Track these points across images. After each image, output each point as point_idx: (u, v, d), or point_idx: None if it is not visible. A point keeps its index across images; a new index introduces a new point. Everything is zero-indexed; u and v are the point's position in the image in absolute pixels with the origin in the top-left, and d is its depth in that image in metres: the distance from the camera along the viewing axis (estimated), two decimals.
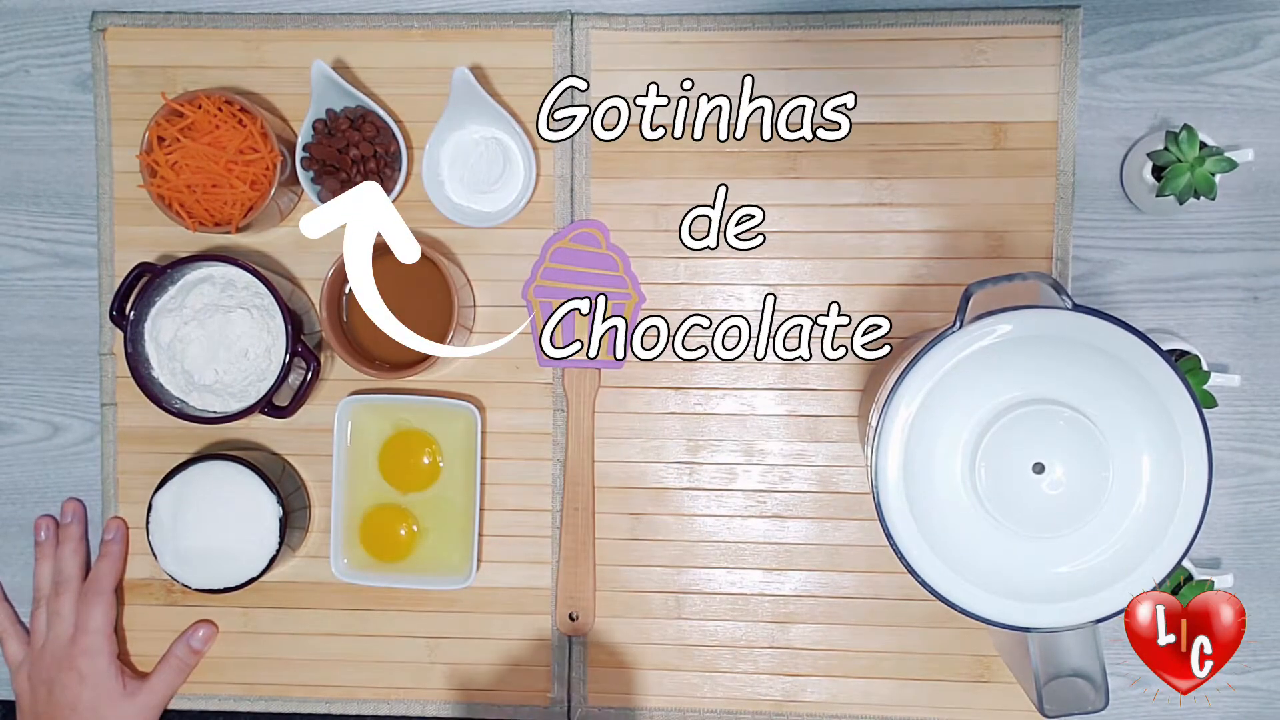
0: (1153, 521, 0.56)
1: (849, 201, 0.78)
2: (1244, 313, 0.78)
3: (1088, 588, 0.57)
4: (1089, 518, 0.56)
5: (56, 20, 0.82)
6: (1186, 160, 0.71)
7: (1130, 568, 0.56)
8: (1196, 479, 0.55)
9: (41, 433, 0.83)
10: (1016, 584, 0.57)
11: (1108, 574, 0.56)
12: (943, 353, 0.57)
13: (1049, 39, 0.77)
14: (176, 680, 0.80)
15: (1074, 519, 0.56)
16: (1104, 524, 0.57)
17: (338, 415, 0.78)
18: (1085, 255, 0.78)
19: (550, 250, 0.79)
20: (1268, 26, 0.77)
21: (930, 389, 0.57)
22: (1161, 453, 0.56)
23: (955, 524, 0.57)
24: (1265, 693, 0.79)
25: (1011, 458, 0.56)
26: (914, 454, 0.57)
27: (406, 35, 0.80)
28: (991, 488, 0.57)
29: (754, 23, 0.78)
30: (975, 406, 0.58)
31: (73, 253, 0.82)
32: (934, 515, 0.58)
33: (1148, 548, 0.56)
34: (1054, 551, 0.57)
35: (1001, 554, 0.57)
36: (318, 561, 0.80)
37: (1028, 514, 0.56)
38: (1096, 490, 0.56)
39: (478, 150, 0.78)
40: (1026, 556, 0.57)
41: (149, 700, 0.79)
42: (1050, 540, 0.57)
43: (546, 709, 0.80)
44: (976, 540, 0.57)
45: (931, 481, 0.58)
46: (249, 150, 0.75)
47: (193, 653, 0.80)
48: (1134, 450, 0.56)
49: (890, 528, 0.57)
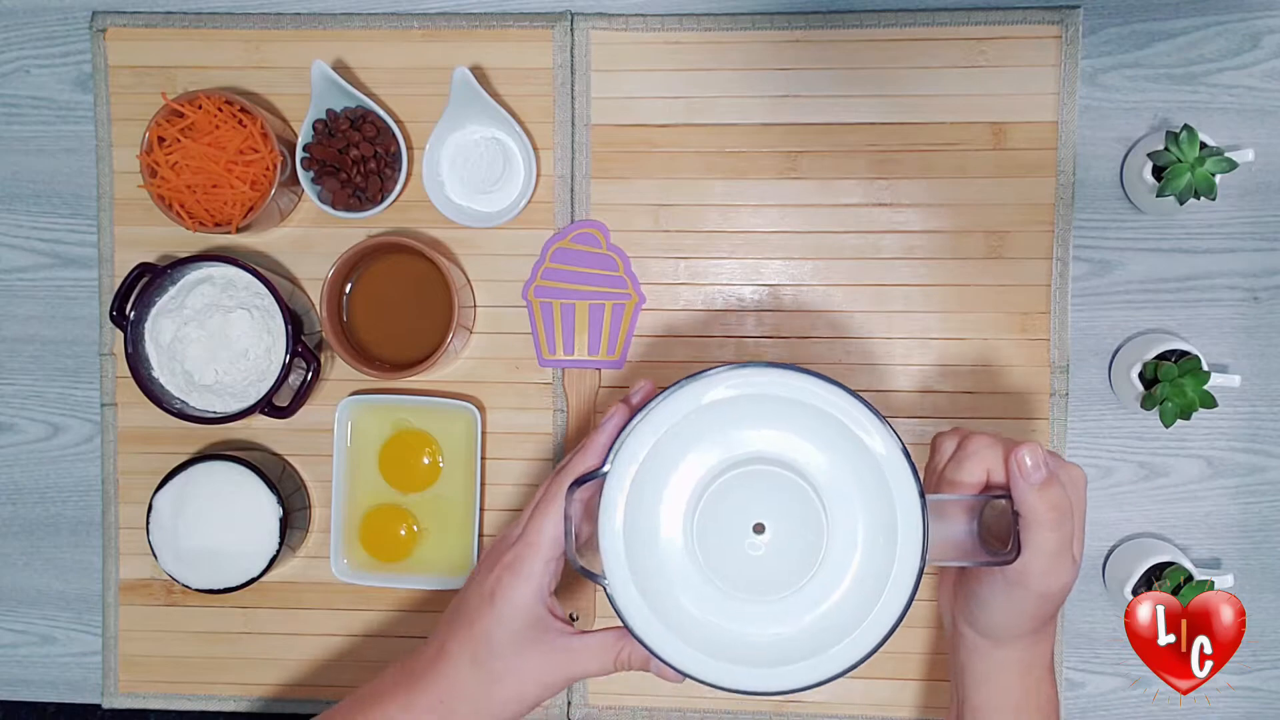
0: (868, 585, 0.54)
1: (849, 202, 0.78)
2: (1244, 313, 0.78)
3: (813, 649, 0.54)
4: (803, 580, 0.54)
5: (56, 20, 0.82)
6: (1187, 160, 0.71)
7: (849, 629, 0.54)
8: (910, 535, 0.53)
9: (42, 433, 0.83)
10: (744, 647, 0.54)
11: (830, 636, 0.54)
12: (669, 407, 0.54)
13: (1049, 39, 0.77)
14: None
15: (788, 581, 0.54)
16: (822, 586, 0.54)
17: (338, 415, 0.78)
18: (1085, 255, 0.78)
19: (550, 250, 0.79)
20: (1268, 26, 0.77)
21: (655, 444, 0.55)
22: (875, 515, 0.54)
23: (680, 585, 0.55)
24: (1266, 693, 0.79)
25: (729, 518, 0.54)
26: (636, 512, 0.55)
27: (406, 35, 0.80)
28: (708, 548, 0.54)
29: (754, 23, 0.78)
30: (700, 464, 0.55)
31: (73, 253, 0.82)
32: (656, 575, 0.55)
33: (865, 610, 0.54)
34: (775, 613, 0.55)
35: (726, 617, 0.55)
36: (318, 561, 0.80)
37: (743, 575, 0.53)
38: (811, 552, 0.54)
39: (478, 150, 0.78)
40: (749, 618, 0.55)
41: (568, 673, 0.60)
42: (769, 603, 0.54)
43: (546, 710, 0.80)
44: (702, 602, 0.55)
45: (656, 540, 0.55)
46: (249, 150, 0.75)
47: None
48: (850, 511, 0.54)
49: (609, 583, 0.54)
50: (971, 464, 0.56)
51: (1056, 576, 0.55)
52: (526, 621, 0.58)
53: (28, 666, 0.83)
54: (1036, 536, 0.54)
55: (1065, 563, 0.55)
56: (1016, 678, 0.61)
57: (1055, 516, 0.54)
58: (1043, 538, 0.54)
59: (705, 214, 0.79)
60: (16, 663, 0.83)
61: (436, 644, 0.60)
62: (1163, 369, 0.72)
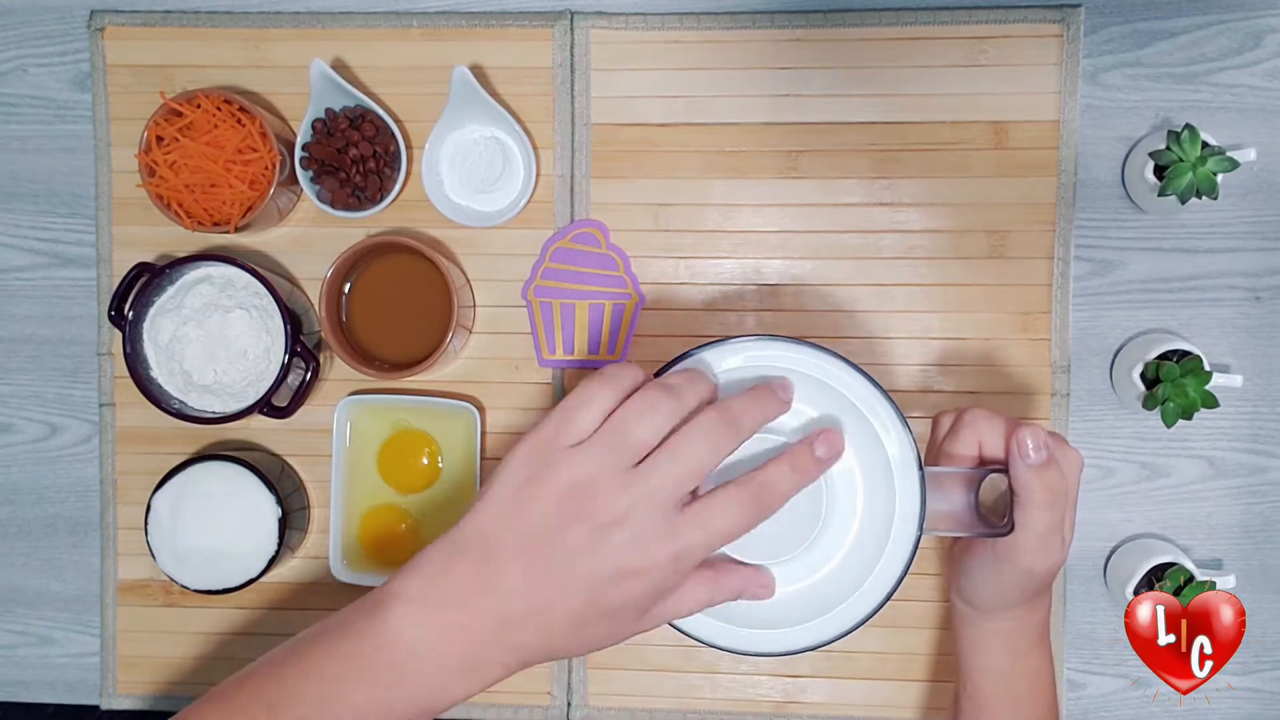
0: (867, 551, 0.55)
1: (850, 201, 0.78)
2: (1246, 313, 0.77)
3: (812, 613, 0.55)
4: (803, 545, 0.55)
5: (55, 20, 0.82)
6: (1188, 160, 0.71)
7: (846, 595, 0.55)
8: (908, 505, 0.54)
9: (40, 433, 0.83)
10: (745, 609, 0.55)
11: (829, 601, 0.55)
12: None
13: (1050, 38, 0.77)
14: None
15: (788, 546, 0.55)
16: (822, 551, 0.56)
17: (337, 415, 0.77)
18: (1087, 255, 0.78)
19: (550, 250, 0.79)
20: (1269, 25, 0.77)
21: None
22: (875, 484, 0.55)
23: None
24: (1267, 694, 0.78)
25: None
26: None
27: (406, 34, 0.79)
28: None
29: (754, 22, 0.78)
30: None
31: (71, 252, 0.82)
32: None
33: (863, 576, 0.55)
34: (777, 577, 0.55)
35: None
36: (317, 562, 0.80)
37: (745, 539, 0.52)
38: (811, 518, 0.55)
39: (477, 150, 0.78)
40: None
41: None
42: (770, 567, 0.55)
43: (546, 710, 0.80)
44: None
45: None
46: (248, 150, 0.75)
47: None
48: (850, 480, 0.55)
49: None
50: (965, 434, 0.57)
51: (1044, 555, 0.56)
52: None
53: (25, 667, 0.83)
54: (1029, 515, 0.55)
55: (1054, 543, 0.56)
56: (1002, 645, 0.63)
57: (1049, 498, 0.55)
58: (1034, 517, 0.55)
59: (705, 213, 0.79)
60: (14, 664, 0.83)
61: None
62: (1164, 369, 0.72)
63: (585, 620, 0.49)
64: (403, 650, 0.49)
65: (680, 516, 0.49)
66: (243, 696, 0.51)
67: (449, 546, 0.50)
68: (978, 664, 0.64)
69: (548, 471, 0.49)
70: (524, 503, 0.49)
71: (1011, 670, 0.64)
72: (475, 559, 0.49)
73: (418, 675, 0.49)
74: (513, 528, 0.49)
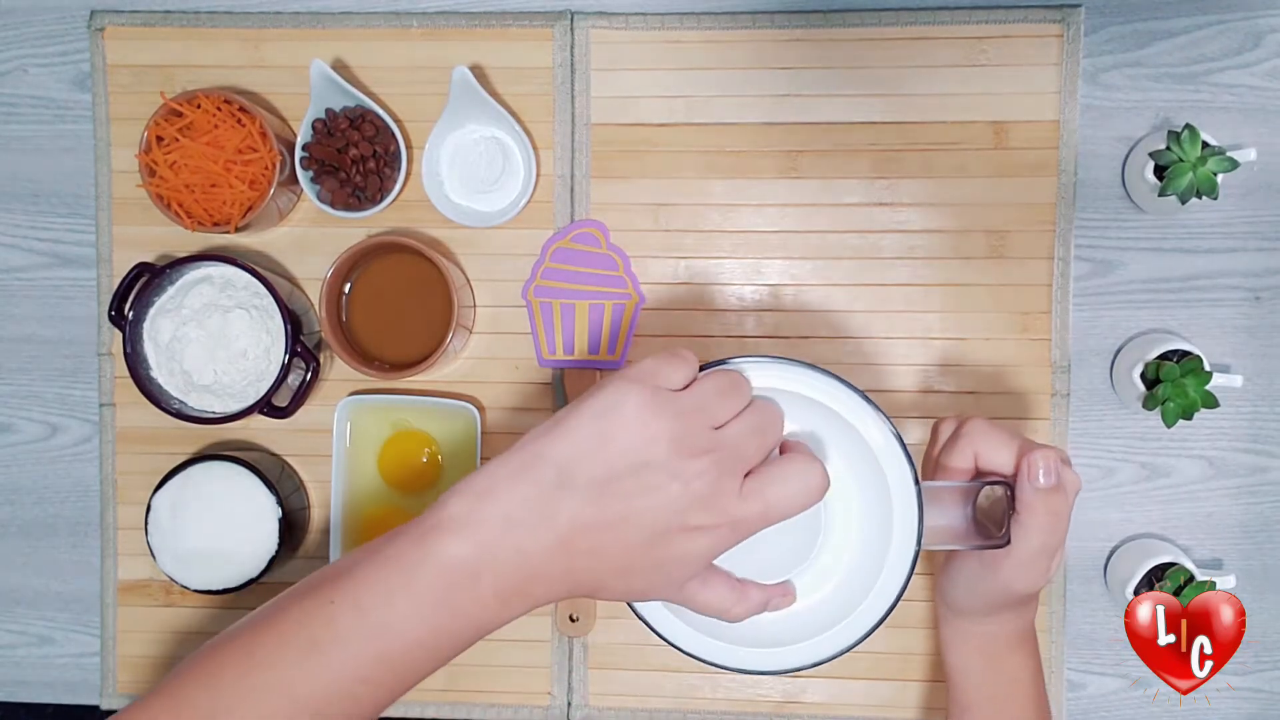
0: (866, 569, 0.55)
1: (850, 201, 0.78)
2: (1246, 313, 0.77)
3: (813, 630, 0.55)
4: (802, 564, 0.55)
5: (55, 20, 0.82)
6: (1188, 160, 0.71)
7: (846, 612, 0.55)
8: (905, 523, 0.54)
9: (40, 433, 0.83)
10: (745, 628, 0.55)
11: (829, 618, 0.55)
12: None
13: (1050, 38, 0.77)
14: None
15: (788, 565, 0.55)
16: (821, 570, 0.56)
17: (337, 415, 0.77)
18: (1087, 255, 0.78)
19: (550, 250, 0.79)
20: (1269, 25, 0.77)
21: None
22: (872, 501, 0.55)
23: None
24: (1268, 694, 0.78)
25: None
26: None
27: (406, 34, 0.79)
28: None
29: (754, 22, 0.78)
30: None
31: (71, 252, 0.82)
32: None
33: (862, 594, 0.55)
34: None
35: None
36: (317, 562, 0.80)
37: (744, 559, 0.52)
38: (810, 537, 0.55)
39: (477, 150, 0.78)
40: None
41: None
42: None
43: (546, 710, 0.80)
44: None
45: None
46: (248, 150, 0.75)
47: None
48: (847, 498, 0.55)
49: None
50: (963, 445, 0.58)
51: (1027, 575, 0.57)
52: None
53: (25, 668, 0.83)
54: (1025, 533, 0.55)
55: (1040, 566, 0.56)
56: (977, 649, 0.64)
57: (1050, 521, 0.55)
58: (1030, 536, 0.55)
59: (705, 213, 0.79)
60: (14, 664, 0.83)
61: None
62: (1164, 369, 0.72)
63: (634, 565, 0.48)
64: (460, 575, 0.47)
65: (746, 483, 0.49)
66: (289, 622, 0.49)
67: (517, 470, 0.48)
68: (953, 663, 0.66)
69: (639, 411, 0.48)
70: (609, 434, 0.47)
71: (987, 672, 0.64)
72: (547, 484, 0.47)
73: (469, 603, 0.48)
74: (594, 457, 0.47)
